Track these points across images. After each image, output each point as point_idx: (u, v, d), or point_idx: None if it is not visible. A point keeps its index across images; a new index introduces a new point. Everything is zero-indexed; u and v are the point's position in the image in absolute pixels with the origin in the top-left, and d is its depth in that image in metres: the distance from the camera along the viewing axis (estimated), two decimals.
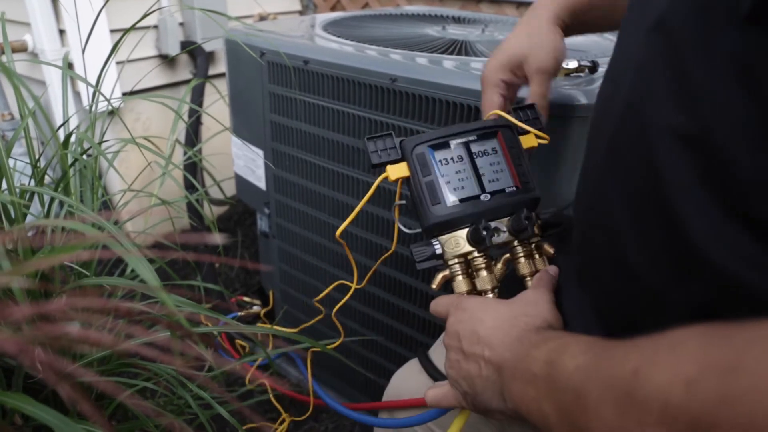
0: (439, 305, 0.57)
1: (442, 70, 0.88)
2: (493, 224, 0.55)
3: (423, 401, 0.73)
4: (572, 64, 0.81)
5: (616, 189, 0.44)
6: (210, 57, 1.89)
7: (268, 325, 1.43)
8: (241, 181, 1.33)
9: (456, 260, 0.56)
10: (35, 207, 0.83)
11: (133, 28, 0.84)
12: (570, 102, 0.74)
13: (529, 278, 0.57)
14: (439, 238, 0.56)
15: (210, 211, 1.64)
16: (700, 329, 0.29)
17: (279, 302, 1.41)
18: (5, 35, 0.80)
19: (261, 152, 1.20)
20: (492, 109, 0.64)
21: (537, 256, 0.58)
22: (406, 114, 0.90)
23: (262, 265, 1.47)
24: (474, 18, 1.44)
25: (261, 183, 1.25)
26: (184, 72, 1.89)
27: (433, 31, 1.20)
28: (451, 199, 0.56)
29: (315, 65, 0.99)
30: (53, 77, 1.58)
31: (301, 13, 2.35)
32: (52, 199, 0.80)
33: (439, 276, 0.58)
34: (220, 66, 1.95)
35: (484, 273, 0.56)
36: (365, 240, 1.06)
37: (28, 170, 0.78)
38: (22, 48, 1.60)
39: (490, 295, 0.57)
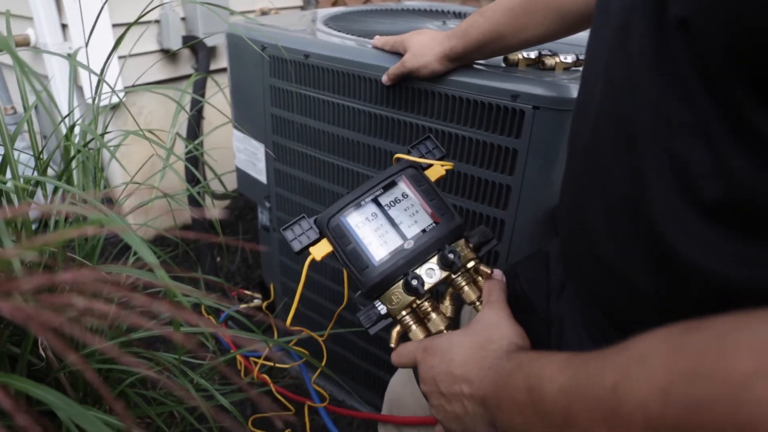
0: (402, 356, 0.57)
1: None
2: (424, 267, 0.56)
3: (422, 419, 0.73)
4: (570, 59, 0.82)
5: (591, 187, 0.46)
6: (211, 52, 1.89)
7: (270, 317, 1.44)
8: (242, 175, 1.34)
9: (404, 313, 0.56)
10: (39, 200, 0.84)
11: (136, 22, 0.84)
12: (567, 95, 0.75)
13: (477, 303, 0.57)
14: (380, 298, 0.56)
15: (212, 204, 1.65)
16: (664, 335, 0.30)
17: (280, 295, 1.42)
18: (9, 29, 0.81)
19: (262, 146, 1.21)
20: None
21: (480, 279, 0.58)
22: (405, 108, 0.91)
23: (262, 251, 1.48)
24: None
25: (262, 176, 1.26)
26: (186, 67, 1.90)
27: (433, 25, 1.21)
28: (377, 258, 0.56)
29: (316, 59, 1.00)
30: (56, 71, 1.59)
31: (302, 8, 2.36)
32: (55, 190, 0.81)
33: (394, 333, 0.58)
34: (222, 61, 1.96)
35: (433, 315, 0.56)
36: None
37: (32, 163, 0.79)
38: (24, 42, 1.61)
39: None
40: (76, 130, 0.85)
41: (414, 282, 0.54)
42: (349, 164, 1.04)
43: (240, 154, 1.32)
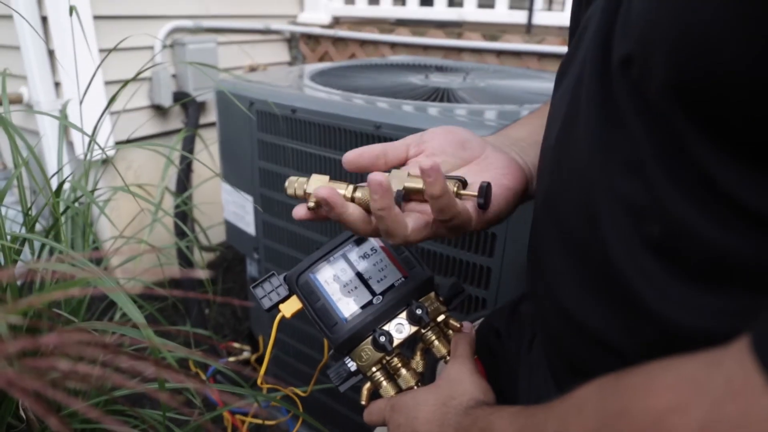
0: (372, 414, 0.57)
1: (426, 116, 0.92)
2: (393, 323, 0.56)
3: None
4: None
5: (549, 227, 0.45)
6: (201, 107, 1.94)
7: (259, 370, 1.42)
8: (231, 227, 1.35)
9: (374, 369, 0.56)
10: (26, 256, 0.84)
11: (132, 80, 0.87)
12: None
13: (447, 357, 0.56)
14: (350, 354, 0.56)
15: (201, 257, 1.65)
16: (600, 381, 0.30)
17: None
18: (4, 88, 0.83)
19: (250, 198, 1.22)
20: None
21: (450, 332, 0.58)
22: None
23: (250, 304, 1.47)
24: (456, 66, 1.50)
25: (250, 228, 1.27)
26: (176, 122, 1.93)
27: (416, 79, 1.25)
28: (346, 315, 0.56)
29: (302, 114, 1.03)
30: (47, 128, 1.61)
31: (290, 64, 2.42)
32: (42, 246, 0.81)
33: (364, 390, 0.58)
34: (211, 115, 1.99)
35: (403, 371, 0.56)
36: None
37: (20, 219, 0.80)
38: (17, 99, 1.64)
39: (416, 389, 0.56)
40: (66, 186, 0.86)
41: (381, 339, 0.53)
42: None
43: (229, 206, 1.33)
